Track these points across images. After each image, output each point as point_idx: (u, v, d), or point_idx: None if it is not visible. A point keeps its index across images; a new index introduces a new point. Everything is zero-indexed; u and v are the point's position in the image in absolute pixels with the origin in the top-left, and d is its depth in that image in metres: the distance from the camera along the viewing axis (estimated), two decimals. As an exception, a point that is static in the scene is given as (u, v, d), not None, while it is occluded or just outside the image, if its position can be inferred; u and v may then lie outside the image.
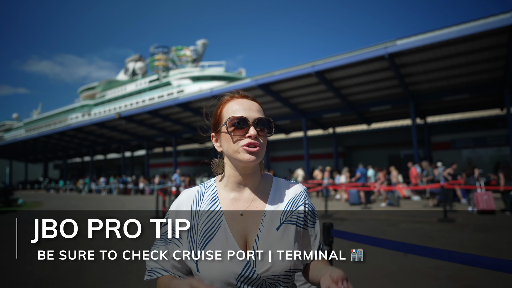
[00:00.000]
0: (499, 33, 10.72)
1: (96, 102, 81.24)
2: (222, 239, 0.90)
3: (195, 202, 0.98)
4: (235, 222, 0.93)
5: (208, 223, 0.93)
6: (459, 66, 12.80)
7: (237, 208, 0.95)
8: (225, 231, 0.91)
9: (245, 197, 0.97)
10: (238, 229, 0.92)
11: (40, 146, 35.10)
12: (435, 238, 5.88)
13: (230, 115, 0.95)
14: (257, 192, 0.99)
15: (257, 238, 0.90)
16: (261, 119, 0.94)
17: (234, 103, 0.97)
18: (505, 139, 16.07)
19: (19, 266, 4.79)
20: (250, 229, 0.92)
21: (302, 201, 0.99)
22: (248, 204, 0.96)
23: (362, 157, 24.35)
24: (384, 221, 8.08)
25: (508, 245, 5.23)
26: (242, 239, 0.91)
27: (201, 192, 1.00)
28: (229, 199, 0.97)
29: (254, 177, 0.98)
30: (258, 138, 0.93)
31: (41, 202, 18.40)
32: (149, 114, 21.10)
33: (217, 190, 1.00)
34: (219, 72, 67.06)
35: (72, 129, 26.52)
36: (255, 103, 0.99)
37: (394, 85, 14.67)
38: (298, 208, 0.97)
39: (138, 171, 37.97)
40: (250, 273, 0.87)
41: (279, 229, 0.92)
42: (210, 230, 0.92)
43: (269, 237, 0.91)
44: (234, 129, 0.93)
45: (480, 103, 17.20)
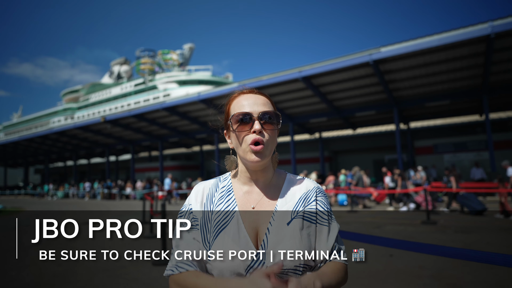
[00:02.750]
0: (477, 42, 11.16)
1: (80, 105, 79.64)
2: (234, 230, 0.91)
3: (210, 193, 0.99)
4: (247, 215, 0.94)
5: (222, 213, 0.94)
6: (440, 73, 13.23)
7: (249, 201, 0.97)
8: (238, 222, 0.92)
9: (257, 191, 0.98)
10: (249, 221, 0.93)
11: (20, 150, 34.11)
12: (419, 239, 6.05)
13: (236, 111, 0.95)
14: (269, 187, 0.99)
15: (268, 232, 0.91)
16: (265, 113, 0.93)
17: (240, 99, 0.97)
18: (484, 144, 16.63)
19: (4, 271, 4.68)
20: (261, 223, 0.93)
21: (314, 198, 0.98)
22: (260, 198, 0.97)
23: (348, 161, 24.71)
24: (369, 224, 8.24)
25: (488, 245, 5.44)
26: (253, 232, 0.92)
27: (216, 184, 1.02)
28: (242, 192, 0.99)
29: (266, 172, 0.99)
30: (264, 132, 0.92)
31: (21, 207, 17.88)
32: (135, 118, 20.86)
33: (231, 182, 1.02)
34: (206, 76, 66.90)
35: (55, 132, 25.91)
36: (260, 97, 0.98)
37: (379, 91, 15.01)
38: (310, 204, 0.97)
39: (123, 175, 37.34)
40: (259, 265, 0.88)
41: (289, 224, 0.92)
42: (223, 220, 0.93)
43: (279, 232, 0.91)
44: (239, 126, 0.93)
45: (460, 109, 17.78)
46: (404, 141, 20.48)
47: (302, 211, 0.95)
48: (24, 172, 40.06)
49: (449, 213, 9.95)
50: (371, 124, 20.97)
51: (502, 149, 15.96)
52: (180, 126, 22.33)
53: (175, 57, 75.66)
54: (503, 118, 19.27)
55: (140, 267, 4.64)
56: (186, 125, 22.00)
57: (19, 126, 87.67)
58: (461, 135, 19.07)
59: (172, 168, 28.56)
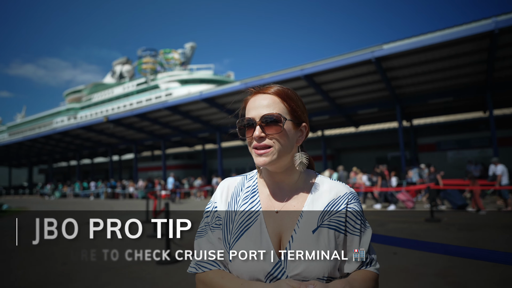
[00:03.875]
0: (480, 38, 11.08)
1: (83, 105, 79.96)
2: (257, 233, 0.87)
3: (235, 192, 0.96)
4: (271, 219, 0.89)
5: (245, 214, 0.90)
6: (443, 70, 13.16)
7: (273, 204, 0.92)
8: (261, 226, 0.88)
9: (282, 194, 0.93)
10: (273, 226, 0.88)
11: (24, 150, 34.32)
12: (422, 237, 6.04)
13: (247, 115, 0.93)
14: (295, 190, 0.94)
15: (291, 239, 0.86)
16: (265, 116, 0.88)
17: (250, 102, 0.94)
18: (487, 141, 16.54)
19: (9, 271, 4.72)
20: (285, 228, 0.88)
21: (345, 205, 0.90)
22: (284, 202, 0.92)
23: (350, 159, 24.67)
24: (372, 222, 8.23)
25: (492, 243, 5.42)
26: (276, 237, 0.87)
27: (243, 183, 0.98)
28: (266, 194, 0.94)
29: (288, 174, 0.93)
30: (266, 137, 0.87)
31: (25, 207, 18.00)
32: (138, 118, 20.92)
33: (257, 183, 0.97)
34: (207, 75, 66.92)
35: (58, 132, 26.05)
36: (266, 96, 0.92)
37: (381, 88, 14.96)
38: (339, 211, 0.89)
39: (126, 175, 37.48)
40: (279, 273, 0.83)
41: (315, 232, 0.86)
42: (246, 222, 0.89)
43: (304, 239, 0.85)
44: (245, 131, 0.91)
45: (464, 106, 17.68)
46: (407, 139, 20.41)
47: (330, 219, 0.88)
48: (28, 172, 40.28)
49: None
50: (374, 122, 20.90)
51: (506, 146, 15.87)
52: (182, 125, 22.37)
53: (177, 56, 75.74)
54: (507, 115, 19.13)
55: (144, 266, 4.66)
56: (188, 124, 22.03)
57: (23, 127, 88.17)
58: (465, 132, 18.97)
59: (175, 167, 28.64)
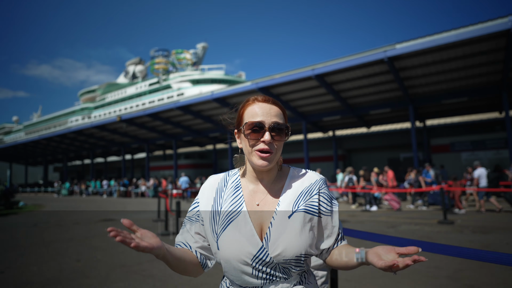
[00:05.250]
0: (497, 37, 10.85)
1: (96, 105, 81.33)
2: (242, 223, 0.99)
3: (219, 188, 1.08)
4: (253, 210, 1.02)
5: (230, 207, 1.02)
6: (458, 69, 12.92)
7: (254, 198, 1.04)
8: (245, 216, 1.00)
9: (262, 189, 1.05)
10: (255, 217, 1.01)
11: (40, 149, 35.13)
12: (435, 239, 5.94)
13: (249, 118, 1.01)
14: (273, 184, 1.07)
15: (270, 225, 0.98)
16: (277, 124, 1.00)
17: (255, 107, 1.03)
18: (503, 142, 16.16)
19: (25, 266, 4.84)
20: (265, 218, 1.00)
21: (317, 190, 1.05)
22: (264, 196, 1.04)
23: (362, 160, 24.44)
24: (384, 223, 8.14)
25: (507, 246, 5.30)
26: (258, 227, 1.00)
27: (225, 179, 1.11)
28: (248, 190, 1.06)
29: (270, 172, 1.06)
30: (273, 143, 1.00)
31: (41, 204, 18.42)
32: (150, 117, 21.18)
33: (240, 179, 1.10)
34: (219, 75, 67.22)
35: (73, 131, 26.58)
36: (274, 107, 1.03)
37: (394, 89, 14.78)
38: (312, 197, 1.03)
39: (138, 173, 37.97)
40: (264, 255, 0.95)
41: (290, 217, 0.99)
42: (232, 214, 1.01)
43: (281, 225, 0.98)
44: (250, 133, 0.99)
45: (479, 106, 17.32)
46: (420, 139, 20.09)
47: (304, 204, 1.01)
48: (43, 170, 41.19)
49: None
50: (386, 122, 20.65)
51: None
52: (193, 125, 22.55)
53: (189, 56, 76.33)
54: (524, 115, 18.66)
55: (155, 264, 4.72)
56: (199, 124, 22.18)
57: (38, 126, 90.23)
58: (480, 133, 18.58)
59: (186, 167, 28.88)
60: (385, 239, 1.91)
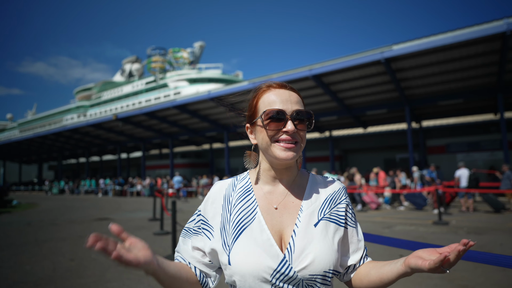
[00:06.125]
0: (492, 39, 10.92)
1: (92, 103, 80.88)
2: (257, 231, 0.85)
3: (227, 194, 0.93)
4: (270, 216, 0.88)
5: (241, 214, 0.88)
6: (454, 71, 12.99)
7: (271, 201, 0.90)
8: (260, 223, 0.86)
9: (280, 191, 0.92)
10: (272, 223, 0.87)
11: (35, 147, 34.87)
12: (430, 240, 5.97)
13: (267, 107, 0.87)
14: (293, 186, 0.93)
15: (294, 234, 0.84)
16: (300, 112, 0.87)
17: (271, 94, 0.89)
18: (498, 144, 16.28)
19: (18, 265, 4.80)
20: (286, 224, 0.87)
21: (342, 199, 0.93)
22: (282, 198, 0.91)
23: (358, 160, 24.51)
24: (379, 224, 8.17)
25: (501, 247, 5.33)
26: (277, 234, 0.85)
27: (233, 183, 0.96)
28: (263, 192, 0.92)
29: (290, 171, 0.93)
30: (297, 133, 0.86)
31: (35, 203, 18.29)
32: (146, 116, 21.10)
33: (250, 182, 0.95)
34: (216, 74, 67.09)
35: (68, 130, 26.41)
36: (294, 94, 0.90)
37: (390, 89, 14.83)
38: (338, 205, 0.92)
39: (134, 172, 37.82)
40: (286, 269, 0.80)
41: (317, 226, 0.86)
42: (244, 221, 0.87)
43: (307, 234, 0.85)
44: (269, 123, 0.86)
45: (474, 108, 17.44)
46: (416, 140, 20.19)
47: (330, 213, 0.90)
48: (38, 169, 40.90)
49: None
50: (382, 123, 20.74)
51: (517, 149, 15.61)
52: (190, 124, 22.49)
53: (186, 55, 76.12)
54: (519, 117, 18.82)
55: (150, 263, 4.70)
56: (196, 123, 22.13)
57: (33, 123, 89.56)
58: (475, 134, 18.71)
59: (182, 166, 28.80)
60: (380, 240, 1.91)
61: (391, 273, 0.80)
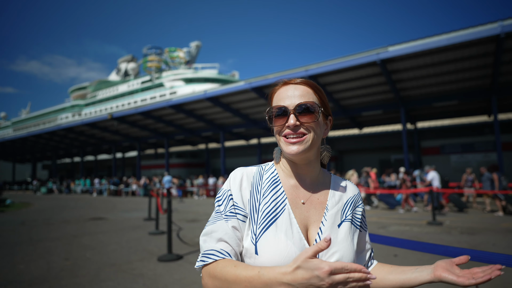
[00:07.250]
0: (486, 42, 11.03)
1: (87, 102, 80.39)
2: (286, 223, 0.85)
3: (255, 182, 0.91)
4: (298, 209, 0.89)
5: (271, 204, 0.88)
6: (449, 73, 13.11)
7: (298, 195, 0.91)
8: (289, 215, 0.87)
9: (306, 186, 0.93)
10: (300, 217, 0.88)
11: (29, 146, 34.57)
12: (424, 239, 6.02)
13: (275, 104, 0.91)
14: (318, 183, 0.95)
15: (320, 231, 0.87)
16: (300, 104, 0.87)
17: (280, 91, 0.92)
18: (492, 145, 16.45)
19: (12, 265, 4.76)
20: (313, 220, 0.89)
21: (360, 203, 0.98)
22: (309, 194, 0.93)
23: (354, 161, 24.63)
24: (374, 224, 8.21)
25: (493, 247, 5.39)
26: (303, 228, 0.87)
27: (259, 172, 0.94)
28: (289, 184, 0.93)
29: (312, 167, 0.94)
30: (301, 126, 0.87)
31: (29, 203, 18.13)
32: (142, 115, 21.01)
33: (277, 173, 0.95)
34: (212, 74, 66.99)
35: (63, 129, 26.21)
36: (300, 87, 0.91)
37: (386, 91, 14.92)
38: (356, 209, 0.97)
39: (129, 172, 37.65)
40: None
41: (340, 226, 0.89)
42: (274, 212, 0.86)
43: (332, 232, 0.87)
44: (276, 119, 0.89)
45: (469, 110, 17.60)
46: (411, 141, 20.33)
47: (351, 215, 0.94)
48: (32, 168, 40.55)
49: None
50: (378, 124, 20.86)
51: (510, 150, 15.78)
52: (186, 124, 22.44)
53: (182, 55, 75.90)
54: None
55: (145, 263, 4.69)
56: (192, 123, 22.08)
57: (27, 122, 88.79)
58: (469, 135, 18.88)
59: (178, 166, 28.72)
60: (375, 238, 1.93)
61: (414, 281, 0.83)
